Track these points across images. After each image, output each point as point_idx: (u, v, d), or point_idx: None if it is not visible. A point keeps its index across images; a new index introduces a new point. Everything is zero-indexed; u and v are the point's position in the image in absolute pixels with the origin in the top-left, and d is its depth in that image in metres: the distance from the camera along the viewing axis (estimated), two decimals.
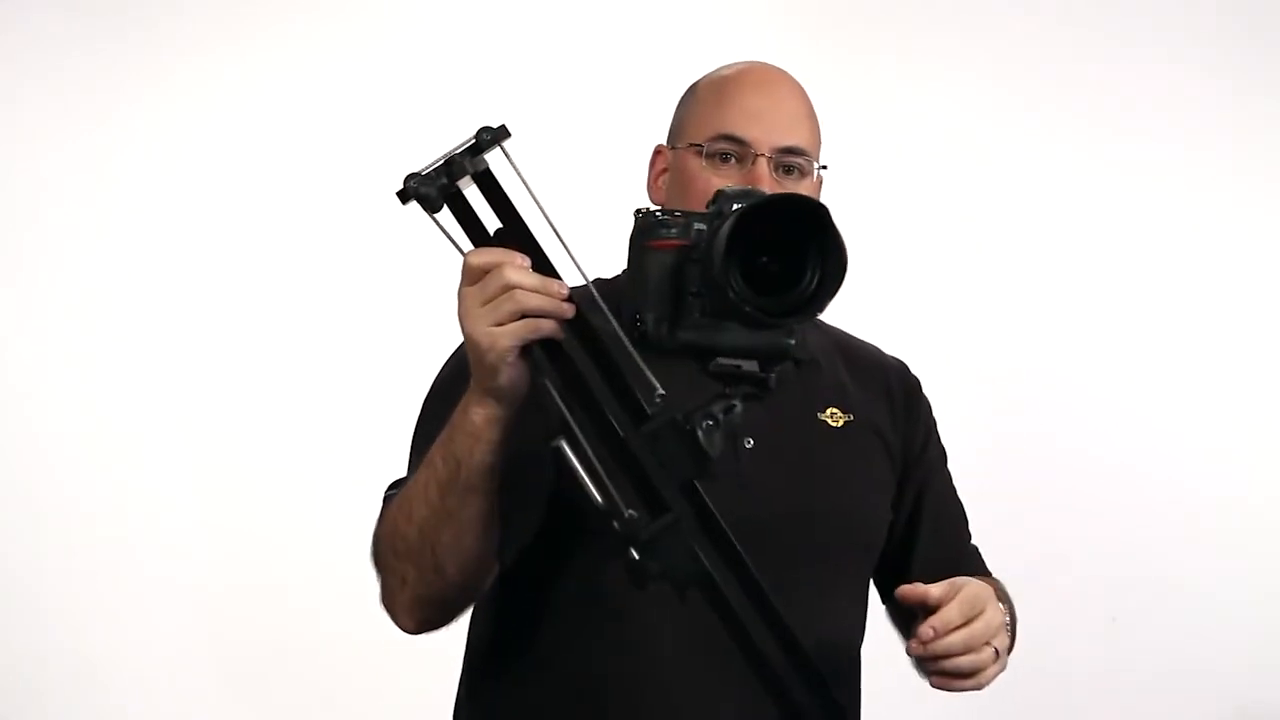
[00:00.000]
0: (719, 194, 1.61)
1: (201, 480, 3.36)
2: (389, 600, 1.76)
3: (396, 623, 1.77)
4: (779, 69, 1.90)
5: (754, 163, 1.80)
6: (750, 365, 1.59)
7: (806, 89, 1.91)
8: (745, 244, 1.51)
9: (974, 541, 2.03)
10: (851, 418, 1.87)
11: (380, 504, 1.79)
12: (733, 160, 1.81)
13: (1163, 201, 3.62)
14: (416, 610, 1.74)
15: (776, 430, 1.77)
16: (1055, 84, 3.60)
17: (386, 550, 1.73)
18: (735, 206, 1.54)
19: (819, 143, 1.89)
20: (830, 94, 3.42)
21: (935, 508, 1.96)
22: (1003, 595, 1.85)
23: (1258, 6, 3.65)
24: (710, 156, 1.82)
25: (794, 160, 1.82)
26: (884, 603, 1.93)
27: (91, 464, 3.33)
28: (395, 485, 1.80)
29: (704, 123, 1.84)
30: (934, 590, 1.62)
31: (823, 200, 1.51)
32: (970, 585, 1.65)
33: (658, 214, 1.61)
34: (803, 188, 1.81)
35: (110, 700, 3.31)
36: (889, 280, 3.35)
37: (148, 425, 3.34)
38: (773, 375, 1.59)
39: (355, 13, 3.43)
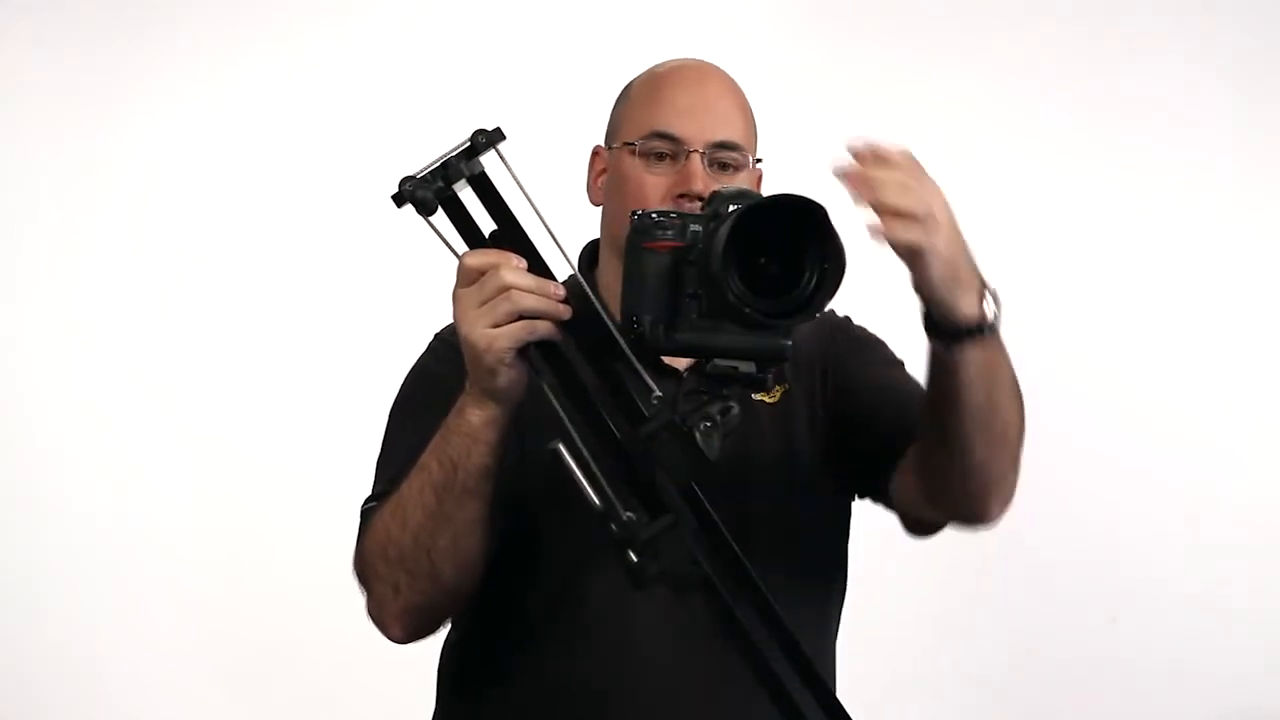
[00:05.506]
0: (714, 195, 1.60)
1: (201, 481, 3.36)
2: (379, 610, 1.75)
3: (386, 633, 1.77)
4: (711, 65, 1.90)
5: (687, 159, 1.81)
6: (748, 366, 1.58)
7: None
8: (744, 245, 1.50)
9: None
10: (787, 387, 1.87)
11: (359, 518, 1.79)
12: (666, 158, 1.82)
13: (1163, 202, 3.62)
14: (408, 618, 1.74)
15: None
16: (1056, 84, 3.60)
17: (376, 559, 1.72)
18: (732, 208, 1.54)
19: (754, 137, 1.88)
20: (826, 93, 3.45)
21: (884, 384, 1.89)
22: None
23: (1260, 7, 3.64)
24: (644, 155, 1.83)
25: (728, 155, 1.83)
26: (912, 498, 1.82)
27: (91, 464, 3.33)
28: (371, 500, 1.79)
29: (637, 121, 1.85)
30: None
31: (815, 198, 1.50)
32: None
33: (654, 215, 1.60)
34: (739, 181, 1.81)
35: (110, 700, 3.31)
36: (890, 280, 3.34)
37: (148, 426, 3.35)
38: (769, 376, 1.59)
39: (349, 18, 3.43)
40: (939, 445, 1.70)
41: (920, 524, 1.87)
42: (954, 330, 1.60)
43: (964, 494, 1.73)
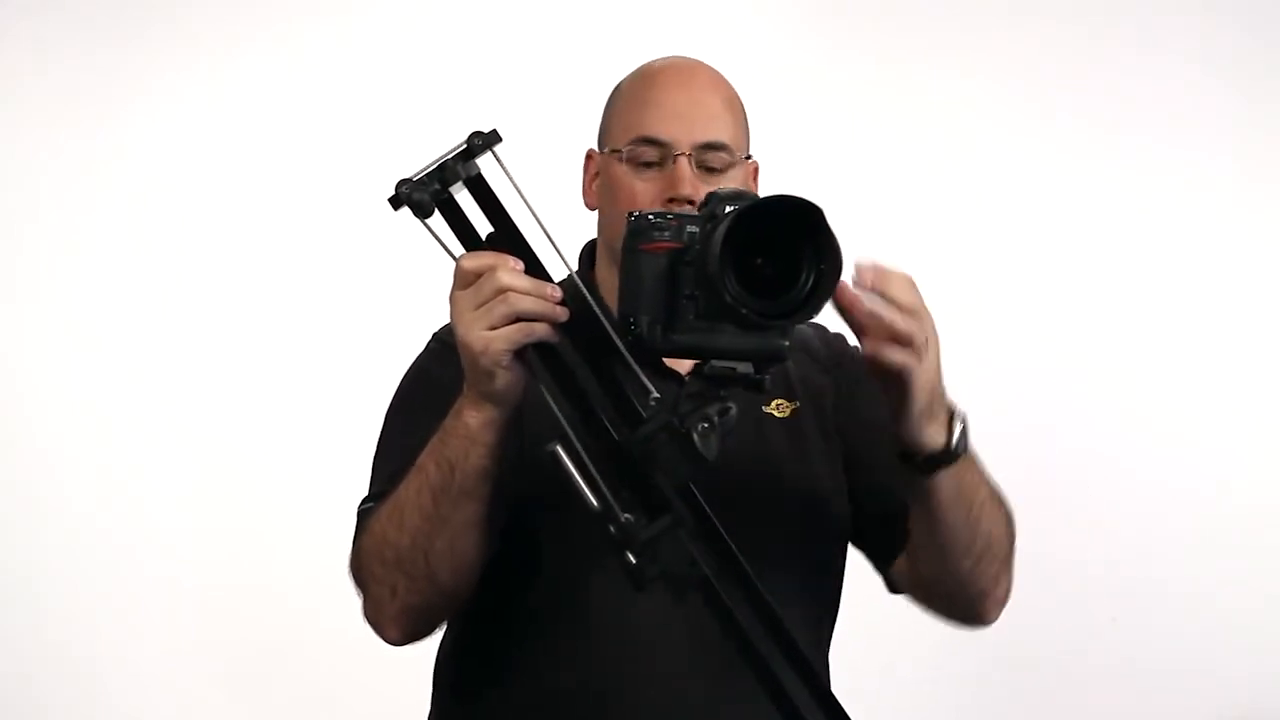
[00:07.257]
0: (711, 196, 1.60)
1: (201, 480, 3.36)
2: (375, 613, 1.75)
3: (383, 635, 1.76)
4: (698, 62, 1.88)
5: (674, 162, 1.80)
6: (745, 367, 1.58)
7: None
8: (740, 246, 1.50)
9: None
10: (798, 405, 1.87)
11: (355, 519, 1.79)
12: (654, 164, 1.81)
13: (1163, 202, 3.62)
14: (404, 620, 1.74)
15: None
16: (1056, 84, 3.60)
17: (372, 561, 1.72)
18: (729, 209, 1.54)
19: (745, 133, 1.87)
20: (825, 93, 3.45)
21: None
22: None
23: (1260, 7, 3.64)
24: (632, 161, 1.82)
25: (715, 157, 1.81)
26: (909, 590, 1.88)
27: (91, 464, 3.33)
28: (368, 501, 1.79)
29: (623, 126, 1.84)
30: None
31: (810, 198, 1.49)
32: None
33: (650, 217, 1.60)
34: (729, 180, 1.80)
35: (110, 700, 3.31)
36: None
37: (148, 426, 3.35)
38: (767, 377, 1.59)
39: (349, 18, 3.43)
40: (926, 561, 1.77)
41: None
42: (924, 461, 1.66)
43: (957, 602, 1.82)
